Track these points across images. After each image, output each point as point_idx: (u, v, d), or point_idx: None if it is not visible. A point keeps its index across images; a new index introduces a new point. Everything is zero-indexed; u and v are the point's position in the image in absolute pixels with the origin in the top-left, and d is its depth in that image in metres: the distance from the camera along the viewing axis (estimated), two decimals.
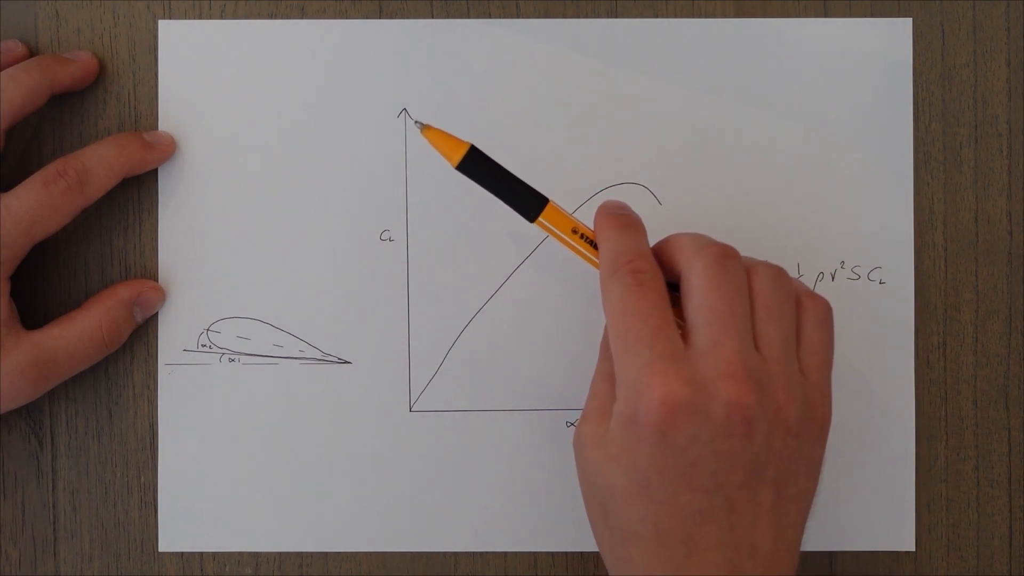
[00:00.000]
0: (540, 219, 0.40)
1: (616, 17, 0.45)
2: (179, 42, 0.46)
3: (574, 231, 0.40)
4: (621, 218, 0.40)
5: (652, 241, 0.40)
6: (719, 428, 0.36)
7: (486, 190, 0.40)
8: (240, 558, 0.45)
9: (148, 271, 0.46)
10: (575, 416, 0.45)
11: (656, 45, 0.45)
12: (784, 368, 0.37)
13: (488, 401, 0.45)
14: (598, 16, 0.45)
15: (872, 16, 0.46)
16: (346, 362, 0.45)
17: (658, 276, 0.38)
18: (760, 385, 0.36)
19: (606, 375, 0.39)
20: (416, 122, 0.41)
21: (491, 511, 0.45)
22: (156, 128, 0.45)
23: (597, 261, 0.40)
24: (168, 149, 0.45)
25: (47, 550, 0.46)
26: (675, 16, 0.45)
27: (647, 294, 0.37)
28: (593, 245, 0.40)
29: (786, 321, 0.38)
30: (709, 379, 0.36)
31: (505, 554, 0.46)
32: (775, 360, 0.37)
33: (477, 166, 0.40)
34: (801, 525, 0.38)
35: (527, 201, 0.40)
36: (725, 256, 0.38)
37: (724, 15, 0.45)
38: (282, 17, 0.46)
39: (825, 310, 0.39)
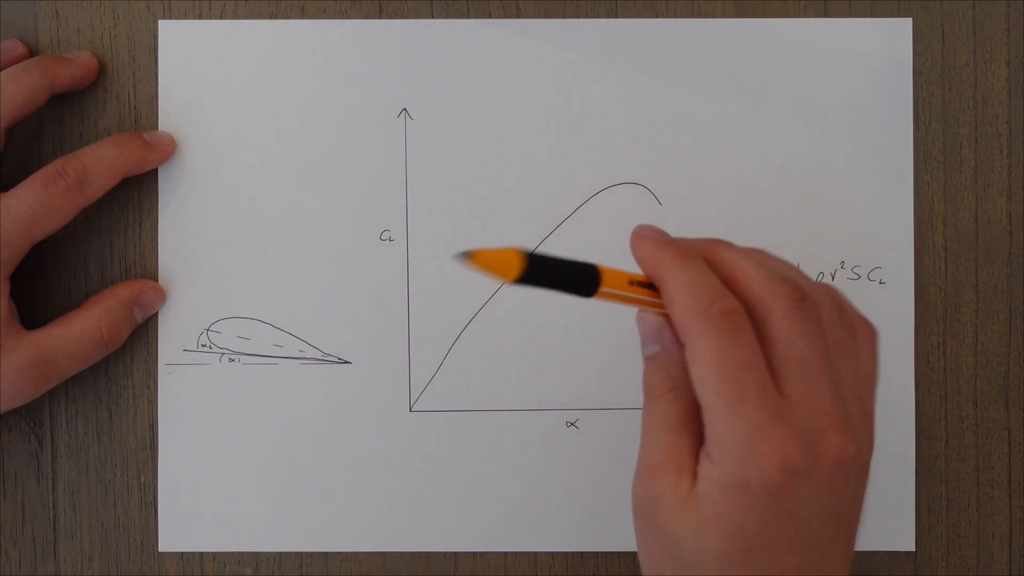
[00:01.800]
0: (602, 290, 0.35)
1: (616, 17, 0.45)
2: (179, 42, 0.46)
3: (630, 283, 0.36)
4: (672, 246, 0.36)
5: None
6: (824, 484, 0.34)
7: (544, 288, 0.35)
8: (240, 558, 0.45)
9: (148, 271, 0.46)
10: (575, 416, 0.45)
11: (656, 45, 0.45)
12: (857, 406, 0.35)
13: (488, 401, 0.45)
14: (598, 16, 0.45)
15: (872, 16, 0.45)
16: (346, 362, 0.45)
17: (745, 316, 0.35)
18: (852, 432, 0.34)
19: (673, 425, 0.35)
20: (455, 256, 0.33)
21: (491, 511, 0.45)
22: (156, 128, 0.45)
23: (657, 302, 0.36)
24: (168, 149, 0.45)
25: (47, 550, 0.46)
26: (675, 16, 0.45)
27: (745, 339, 0.34)
28: (644, 286, 0.36)
29: (852, 355, 0.36)
30: (815, 436, 0.34)
31: (505, 554, 0.46)
32: (851, 399, 0.35)
33: (534, 271, 0.34)
34: (852, 550, 0.37)
35: (581, 277, 0.35)
36: (802, 298, 0.35)
37: (724, 15, 0.45)
38: (282, 17, 0.46)
39: (875, 337, 0.37)
